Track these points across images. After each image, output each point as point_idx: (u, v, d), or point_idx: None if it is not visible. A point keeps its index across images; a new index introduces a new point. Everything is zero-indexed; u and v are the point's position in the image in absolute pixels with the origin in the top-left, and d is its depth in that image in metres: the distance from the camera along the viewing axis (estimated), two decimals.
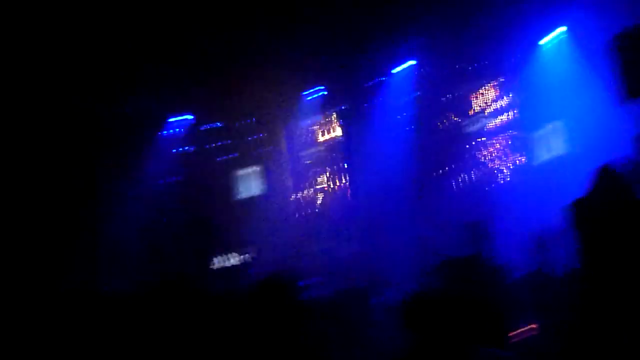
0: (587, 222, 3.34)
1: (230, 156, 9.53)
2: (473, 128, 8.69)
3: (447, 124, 8.79)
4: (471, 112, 8.78)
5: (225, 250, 8.80)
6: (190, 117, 9.08)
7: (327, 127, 9.56)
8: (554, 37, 7.96)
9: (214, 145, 9.41)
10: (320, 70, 8.45)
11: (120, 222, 7.92)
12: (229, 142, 9.49)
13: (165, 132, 9.05)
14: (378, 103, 8.86)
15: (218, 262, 8.44)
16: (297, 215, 9.44)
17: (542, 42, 8.03)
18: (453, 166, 8.73)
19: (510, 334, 5.03)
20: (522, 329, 5.51)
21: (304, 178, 9.53)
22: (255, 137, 9.52)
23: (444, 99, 8.85)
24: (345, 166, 9.34)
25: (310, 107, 9.03)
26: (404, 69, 8.58)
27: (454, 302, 2.99)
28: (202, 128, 9.31)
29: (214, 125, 9.39)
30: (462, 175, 8.71)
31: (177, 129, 9.16)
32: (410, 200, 8.20)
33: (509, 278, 4.95)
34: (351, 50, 8.10)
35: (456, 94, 8.84)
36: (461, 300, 2.99)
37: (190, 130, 9.19)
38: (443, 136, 8.79)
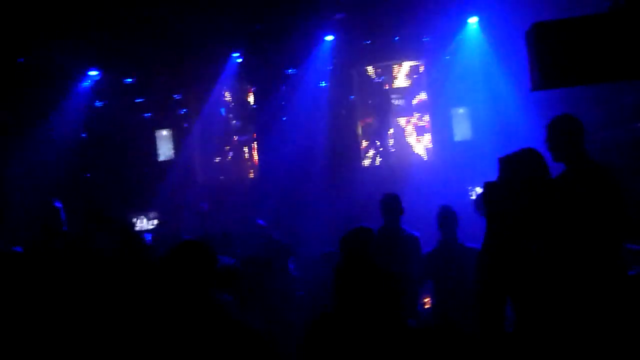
0: (495, 204, 3.56)
1: (144, 115, 9.22)
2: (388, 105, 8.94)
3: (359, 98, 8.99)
4: (386, 88, 9.04)
5: (132, 212, 8.62)
6: (95, 72, 8.68)
7: (243, 96, 9.49)
8: (468, 25, 8.30)
9: (126, 102, 9.04)
10: (240, 36, 8.34)
11: (25, 177, 7.55)
12: (143, 99, 9.15)
13: (79, 86, 8.61)
14: (295, 76, 8.88)
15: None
16: (204, 182, 9.33)
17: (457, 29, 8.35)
18: (366, 142, 8.98)
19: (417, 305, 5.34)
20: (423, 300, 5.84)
21: (215, 145, 9.43)
22: (172, 97, 9.23)
23: (359, 73, 9.04)
24: (256, 136, 9.34)
25: (228, 73, 8.89)
26: (323, 43, 8.63)
27: (373, 272, 3.08)
28: (116, 83, 8.91)
29: (127, 81, 8.96)
30: (376, 152, 8.99)
31: (90, 83, 8.73)
32: (324, 175, 8.35)
33: (419, 250, 5.20)
34: (272, 20, 8.07)
35: (372, 69, 9.06)
36: (379, 272, 3.08)
37: (103, 85, 8.78)
38: (356, 111, 9.00)
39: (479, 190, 7.59)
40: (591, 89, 5.96)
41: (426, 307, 5.81)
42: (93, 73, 8.67)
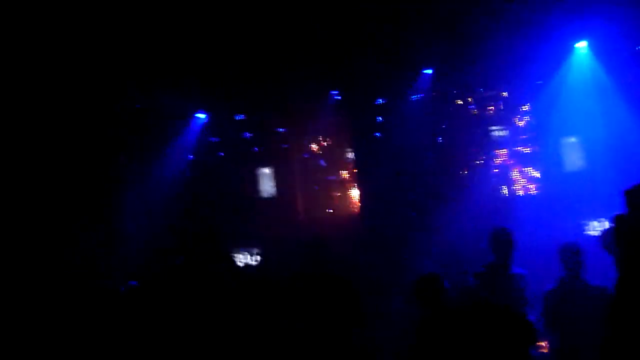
0: (628, 240, 3.25)
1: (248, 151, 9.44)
2: (493, 137, 8.62)
3: (467, 131, 8.73)
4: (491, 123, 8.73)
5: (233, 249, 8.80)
6: (203, 115, 9.08)
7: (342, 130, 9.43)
8: (576, 51, 7.92)
9: (233, 140, 9.34)
10: (340, 75, 8.42)
11: (134, 217, 7.93)
12: (248, 137, 9.37)
13: (188, 127, 9.05)
14: (397, 114, 8.79)
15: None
16: (305, 218, 9.36)
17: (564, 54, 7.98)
18: (473, 174, 8.66)
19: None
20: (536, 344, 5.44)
21: (316, 179, 9.45)
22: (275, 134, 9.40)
23: (463, 107, 8.81)
24: (357, 171, 9.28)
25: (329, 109, 8.97)
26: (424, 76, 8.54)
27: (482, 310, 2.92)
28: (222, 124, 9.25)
29: (238, 118, 9.28)
30: (481, 184, 8.63)
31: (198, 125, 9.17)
32: (422, 209, 8.15)
33: (526, 290, 4.87)
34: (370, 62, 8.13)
35: (477, 103, 8.80)
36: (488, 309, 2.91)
37: (210, 125, 9.14)
38: (463, 142, 8.74)
39: (596, 224, 7.12)
40: None
41: (542, 351, 5.41)
42: (201, 116, 9.08)
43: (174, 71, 7.90)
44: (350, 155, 9.40)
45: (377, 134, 8.90)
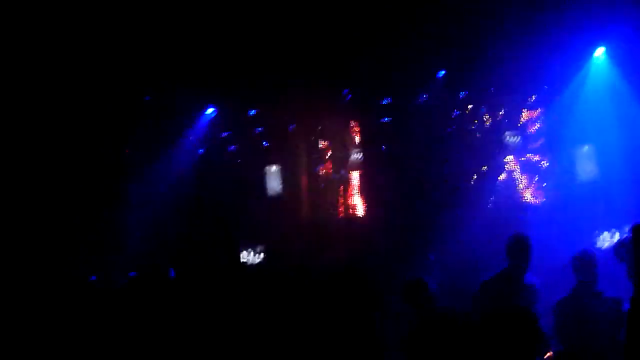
0: None
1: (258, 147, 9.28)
2: (508, 144, 8.44)
3: (482, 138, 8.56)
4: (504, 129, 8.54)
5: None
6: (212, 109, 8.98)
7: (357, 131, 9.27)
8: (594, 58, 7.75)
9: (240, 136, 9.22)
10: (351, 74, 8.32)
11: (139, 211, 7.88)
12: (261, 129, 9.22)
13: (197, 121, 8.98)
14: (406, 116, 8.64)
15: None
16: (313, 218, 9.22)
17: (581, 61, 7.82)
18: (484, 181, 8.48)
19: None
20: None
21: (327, 180, 9.31)
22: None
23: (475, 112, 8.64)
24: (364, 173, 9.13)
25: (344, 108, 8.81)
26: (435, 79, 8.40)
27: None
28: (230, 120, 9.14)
29: (250, 113, 9.14)
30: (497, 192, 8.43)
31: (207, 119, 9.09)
32: (429, 214, 8.00)
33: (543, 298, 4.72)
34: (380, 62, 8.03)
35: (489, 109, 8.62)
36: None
37: (219, 120, 9.05)
38: (477, 151, 8.56)
39: (606, 235, 6.95)
40: None
41: None
42: (209, 110, 9.00)
43: (183, 64, 7.84)
44: (358, 156, 9.27)
45: (385, 136, 8.77)
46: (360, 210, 9.09)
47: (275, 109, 8.93)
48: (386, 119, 8.74)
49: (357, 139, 9.12)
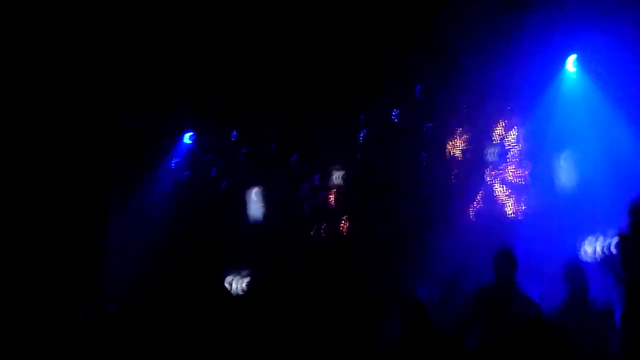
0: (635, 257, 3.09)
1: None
2: (488, 157, 8.46)
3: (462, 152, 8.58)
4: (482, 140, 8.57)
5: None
6: (190, 133, 8.93)
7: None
8: (566, 65, 7.85)
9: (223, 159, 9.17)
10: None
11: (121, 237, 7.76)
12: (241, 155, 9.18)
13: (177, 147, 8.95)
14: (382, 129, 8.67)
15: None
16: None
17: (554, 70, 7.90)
18: (468, 194, 8.47)
19: None
20: None
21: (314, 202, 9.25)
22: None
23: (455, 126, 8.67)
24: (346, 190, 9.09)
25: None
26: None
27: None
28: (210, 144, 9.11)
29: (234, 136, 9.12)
30: (477, 205, 8.44)
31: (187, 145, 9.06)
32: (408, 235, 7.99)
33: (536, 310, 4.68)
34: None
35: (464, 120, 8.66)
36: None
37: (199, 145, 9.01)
38: (458, 164, 8.58)
39: (591, 239, 6.94)
40: None
41: None
42: (187, 137, 8.92)
43: (162, 92, 7.83)
44: (340, 173, 9.24)
45: (361, 150, 8.80)
46: (344, 228, 9.07)
47: (257, 131, 8.94)
48: (362, 134, 8.76)
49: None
